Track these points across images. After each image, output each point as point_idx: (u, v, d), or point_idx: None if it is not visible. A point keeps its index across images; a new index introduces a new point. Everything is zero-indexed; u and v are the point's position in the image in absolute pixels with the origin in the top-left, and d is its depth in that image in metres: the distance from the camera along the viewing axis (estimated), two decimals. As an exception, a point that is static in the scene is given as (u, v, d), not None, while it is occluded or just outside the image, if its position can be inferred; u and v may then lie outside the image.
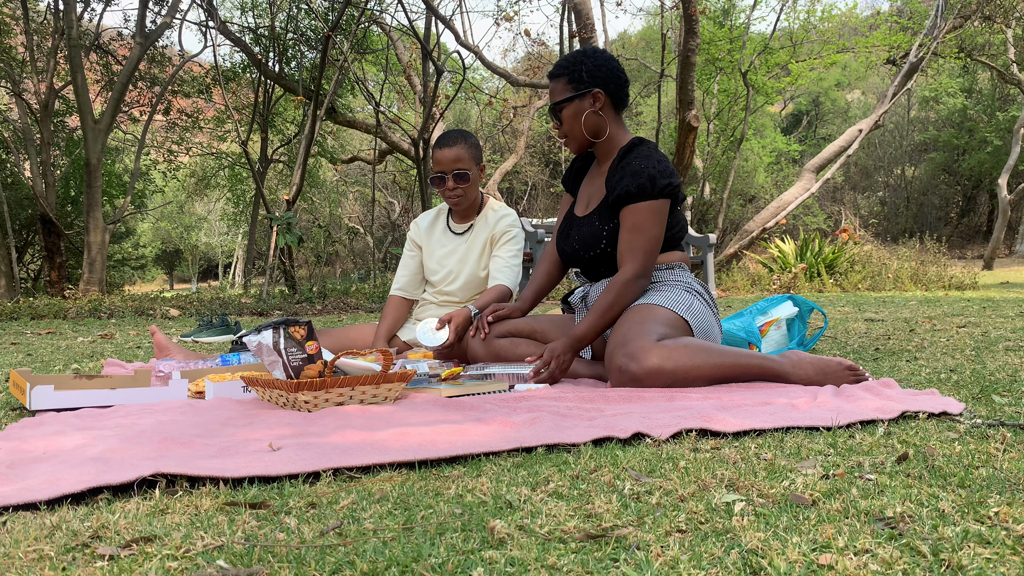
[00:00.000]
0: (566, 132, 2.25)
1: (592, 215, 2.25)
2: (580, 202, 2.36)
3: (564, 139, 2.28)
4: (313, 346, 1.86)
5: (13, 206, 12.86)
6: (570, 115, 2.22)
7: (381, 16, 11.20)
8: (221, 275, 41.04)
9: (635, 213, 2.11)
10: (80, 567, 0.81)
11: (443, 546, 0.83)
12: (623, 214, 2.14)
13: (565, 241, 2.35)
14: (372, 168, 14.16)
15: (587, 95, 2.20)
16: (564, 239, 2.36)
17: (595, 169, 2.37)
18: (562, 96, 2.21)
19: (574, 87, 2.20)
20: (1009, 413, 1.49)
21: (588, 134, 2.23)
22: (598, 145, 2.28)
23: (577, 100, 2.20)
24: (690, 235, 9.24)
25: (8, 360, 3.07)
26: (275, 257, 8.26)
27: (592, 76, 2.20)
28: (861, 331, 3.48)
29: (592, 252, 2.24)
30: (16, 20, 11.75)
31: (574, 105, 2.21)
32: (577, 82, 2.19)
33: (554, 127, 2.29)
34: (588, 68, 2.20)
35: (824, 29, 16.17)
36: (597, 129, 2.24)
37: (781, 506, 0.95)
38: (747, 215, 20.97)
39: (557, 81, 2.22)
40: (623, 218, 2.14)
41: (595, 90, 2.20)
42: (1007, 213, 18.25)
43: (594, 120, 2.22)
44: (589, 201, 2.31)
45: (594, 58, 2.22)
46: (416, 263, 2.81)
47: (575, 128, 2.23)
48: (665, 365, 1.86)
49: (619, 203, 2.14)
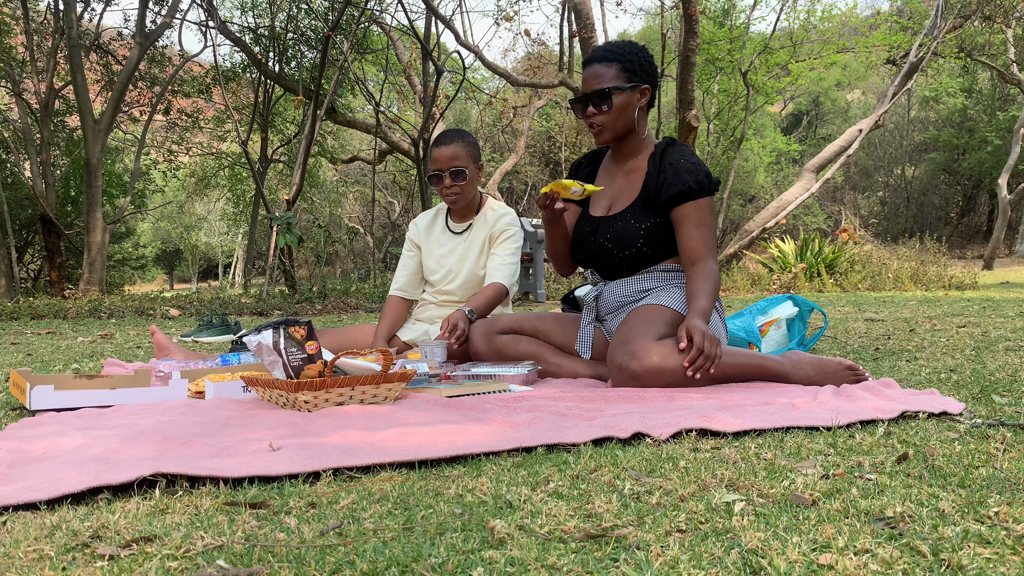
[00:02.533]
0: (606, 121, 2.13)
1: (625, 214, 2.17)
2: (597, 204, 2.28)
3: (598, 127, 2.15)
4: (313, 346, 1.86)
5: (13, 206, 12.86)
6: (621, 104, 2.11)
7: (381, 16, 11.20)
8: (221, 275, 41.04)
9: (699, 208, 2.08)
10: (80, 567, 0.81)
11: (443, 546, 0.83)
12: (685, 210, 2.09)
13: (589, 241, 2.26)
14: (372, 168, 14.16)
15: (638, 89, 2.13)
16: (587, 240, 2.27)
17: (612, 168, 2.29)
18: (615, 83, 2.10)
19: (628, 77, 2.11)
20: (1009, 413, 1.49)
21: (627, 129, 2.16)
22: (626, 141, 2.21)
23: (629, 91, 2.12)
24: (690, 235, 9.23)
25: (8, 360, 3.07)
26: (275, 257, 8.26)
27: (644, 71, 2.14)
28: (861, 331, 3.48)
29: (627, 251, 2.17)
30: (16, 20, 11.75)
31: (626, 96, 2.11)
32: (631, 73, 2.11)
33: (588, 112, 2.14)
34: (642, 62, 2.13)
35: (824, 29, 16.17)
36: (636, 127, 2.18)
37: (781, 506, 0.95)
38: (747, 215, 20.97)
39: (608, 66, 2.11)
40: (685, 214, 2.09)
41: (644, 86, 2.14)
42: (1007, 213, 18.25)
43: (638, 116, 2.16)
44: (613, 201, 2.24)
45: (645, 53, 2.16)
46: (415, 263, 2.81)
47: (619, 119, 2.13)
48: (666, 364, 1.86)
49: (678, 199, 2.08)
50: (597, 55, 2.15)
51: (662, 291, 2.15)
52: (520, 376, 2.11)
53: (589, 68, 2.15)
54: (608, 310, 2.27)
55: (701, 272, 2.05)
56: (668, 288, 2.16)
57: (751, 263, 10.81)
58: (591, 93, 2.12)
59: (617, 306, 2.23)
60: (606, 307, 2.27)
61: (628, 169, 2.24)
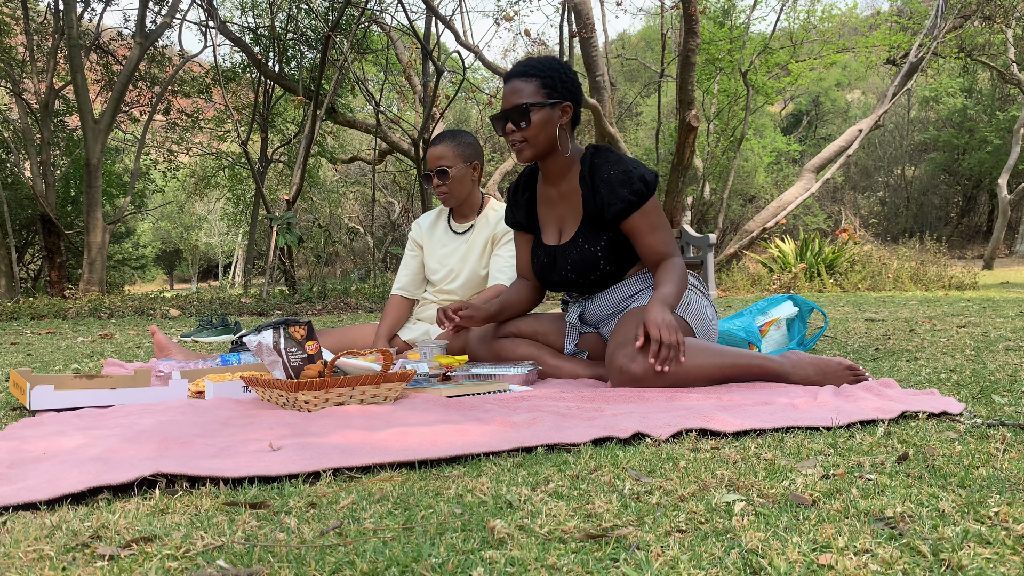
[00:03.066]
0: (528, 137, 2.07)
1: (576, 239, 2.15)
2: (548, 231, 2.24)
3: (519, 143, 2.09)
4: (313, 346, 1.86)
5: (13, 206, 12.86)
6: (541, 121, 2.06)
7: (381, 16, 11.21)
8: (221, 275, 41.05)
9: (646, 215, 2.07)
10: (80, 567, 0.81)
11: (443, 546, 0.83)
12: (632, 222, 2.07)
13: (551, 272, 2.23)
14: (372, 168, 14.16)
15: (559, 106, 2.08)
16: (549, 271, 2.24)
17: (549, 191, 2.23)
18: (534, 99, 2.05)
19: (547, 93, 2.06)
20: (1009, 413, 1.49)
21: (550, 147, 2.10)
22: (552, 160, 2.15)
23: (549, 108, 2.06)
24: (690, 235, 9.24)
25: (8, 360, 3.07)
26: (275, 257, 8.26)
27: (566, 87, 2.08)
28: (861, 331, 3.48)
29: (592, 275, 2.16)
30: (16, 20, 11.75)
31: (546, 112, 2.06)
32: (551, 89, 2.06)
33: (507, 130, 2.08)
34: (563, 78, 2.08)
35: (824, 29, 16.17)
36: (559, 144, 2.10)
37: (781, 506, 0.95)
38: (747, 215, 20.98)
39: (528, 81, 2.06)
40: (635, 226, 2.07)
41: (566, 103, 2.09)
42: (1007, 213, 18.26)
43: (560, 133, 2.09)
44: (562, 226, 2.21)
45: (567, 69, 2.11)
46: (417, 263, 2.81)
47: (540, 136, 2.07)
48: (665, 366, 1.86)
49: (622, 216, 2.07)
50: (516, 71, 2.10)
51: (651, 291, 2.15)
52: (520, 376, 2.11)
53: (508, 84, 2.10)
54: (597, 320, 2.27)
55: (665, 266, 2.05)
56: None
57: (751, 263, 10.81)
58: (509, 109, 2.06)
59: (608, 315, 2.23)
60: (594, 319, 2.27)
61: (564, 191, 2.19)
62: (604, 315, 2.23)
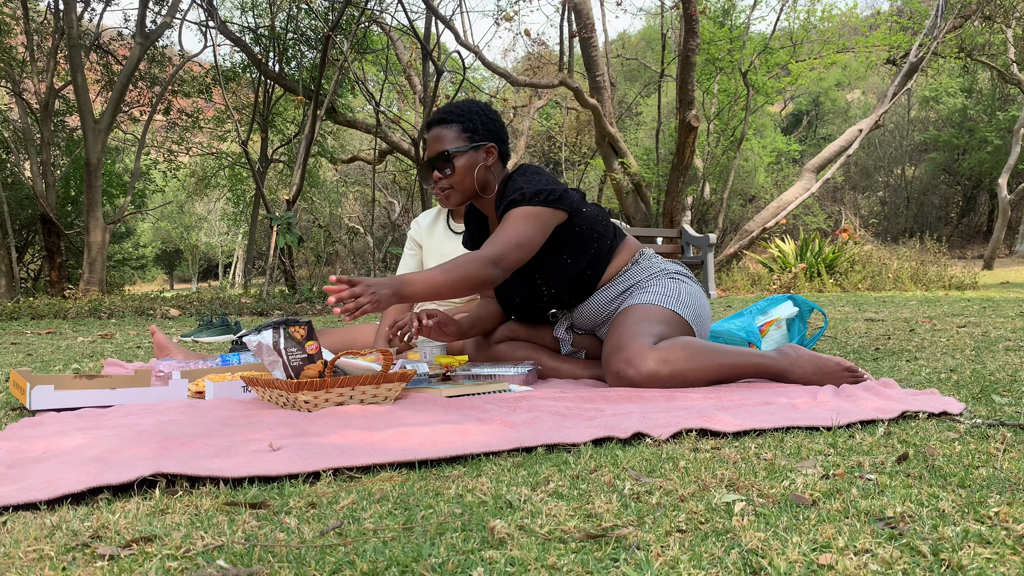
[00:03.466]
0: (453, 183, 2.09)
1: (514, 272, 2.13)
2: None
3: (446, 191, 2.10)
4: (313, 346, 1.86)
5: (13, 206, 12.85)
6: (464, 166, 2.07)
7: (381, 16, 11.20)
8: (221, 275, 41.04)
9: (506, 218, 2.01)
10: (80, 567, 0.81)
11: (443, 546, 0.83)
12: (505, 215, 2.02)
13: (507, 303, 2.25)
14: (372, 168, 14.16)
15: (482, 148, 2.10)
16: (506, 302, 2.25)
17: (492, 225, 2.26)
18: (455, 145, 2.07)
19: (469, 137, 2.08)
20: (1009, 413, 1.49)
21: (478, 189, 2.10)
22: (485, 201, 2.16)
23: (472, 151, 2.08)
24: (690, 235, 9.25)
25: (8, 360, 3.07)
26: (275, 257, 8.26)
27: (488, 129, 2.10)
28: (861, 331, 3.48)
29: (539, 303, 2.17)
30: (16, 20, 11.75)
31: (468, 156, 2.08)
32: (472, 132, 2.08)
33: (435, 177, 2.10)
34: (483, 120, 2.10)
35: (824, 29, 16.16)
36: (487, 185, 2.11)
37: (781, 506, 0.95)
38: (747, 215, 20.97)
39: (447, 128, 2.08)
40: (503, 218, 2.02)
41: (490, 144, 2.11)
42: (1007, 213, 18.26)
43: (485, 175, 2.10)
44: None
45: (487, 111, 2.13)
46: (416, 262, 2.81)
47: (466, 180, 2.09)
48: (662, 369, 1.85)
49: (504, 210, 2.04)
50: (436, 118, 2.12)
51: (639, 290, 2.14)
52: (520, 376, 2.10)
53: (430, 132, 2.12)
54: (590, 328, 2.27)
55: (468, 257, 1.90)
56: (644, 284, 2.15)
57: (751, 263, 10.81)
58: (433, 157, 2.08)
59: (600, 323, 2.23)
60: (586, 327, 2.27)
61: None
62: (595, 323, 2.23)
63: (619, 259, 2.20)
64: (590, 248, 2.13)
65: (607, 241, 2.17)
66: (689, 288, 2.15)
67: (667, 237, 9.52)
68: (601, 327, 2.23)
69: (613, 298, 2.18)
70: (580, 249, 2.12)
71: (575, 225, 2.09)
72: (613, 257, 2.19)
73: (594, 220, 2.14)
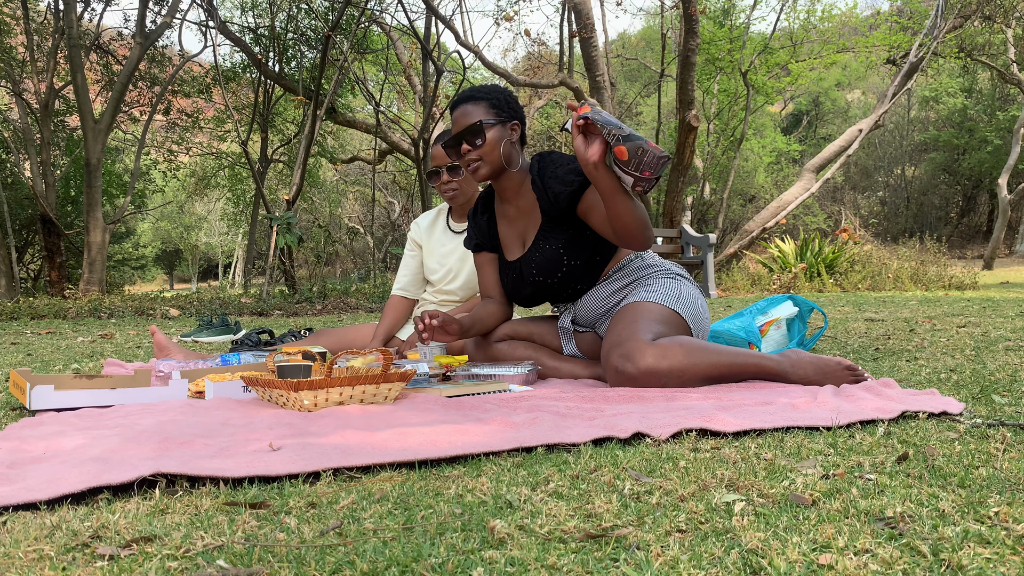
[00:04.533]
0: (483, 154, 2.14)
1: (537, 243, 2.19)
2: (511, 248, 2.28)
3: (475, 162, 2.15)
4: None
5: (13, 206, 12.86)
6: (494, 138, 2.13)
7: (381, 16, 11.21)
8: (221, 275, 41.05)
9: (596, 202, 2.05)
10: (80, 567, 0.81)
11: (443, 546, 0.83)
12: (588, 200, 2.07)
13: (521, 285, 2.27)
14: (372, 168, 14.16)
15: (508, 124, 2.17)
16: (519, 284, 2.27)
17: (507, 210, 2.28)
18: (486, 117, 2.14)
19: (497, 113, 2.15)
20: (1009, 413, 1.49)
21: (504, 162, 2.16)
22: (506, 177, 2.20)
23: (500, 125, 2.15)
24: (690, 235, 9.25)
25: (8, 360, 3.07)
26: (275, 257, 8.26)
27: (512, 107, 2.18)
28: (861, 331, 3.48)
29: (559, 273, 2.18)
30: (16, 20, 11.75)
31: (497, 130, 2.14)
32: (499, 109, 2.16)
33: (464, 151, 2.15)
34: (507, 98, 2.18)
35: (824, 29, 16.17)
36: (511, 158, 2.17)
37: (781, 506, 0.95)
38: (747, 215, 20.97)
39: (476, 104, 2.16)
40: (592, 202, 2.06)
41: (514, 121, 2.18)
42: (1007, 213, 18.26)
43: (511, 149, 2.17)
44: (524, 238, 2.25)
45: (509, 93, 2.21)
46: (417, 263, 2.81)
47: (494, 153, 2.14)
48: (660, 365, 1.86)
49: (577, 197, 2.08)
50: (463, 97, 2.20)
51: (640, 286, 2.15)
52: (520, 376, 2.11)
53: (457, 109, 2.18)
54: (591, 322, 2.27)
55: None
56: (645, 281, 2.16)
57: (751, 263, 10.81)
58: (463, 130, 2.14)
59: (601, 315, 2.23)
60: (588, 321, 2.27)
61: (521, 207, 2.24)
62: (596, 315, 2.24)
63: (623, 250, 2.23)
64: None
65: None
66: (689, 289, 2.17)
67: (667, 237, 9.52)
68: (601, 321, 2.24)
69: (614, 291, 2.19)
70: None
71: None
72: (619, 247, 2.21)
73: None
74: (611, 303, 2.20)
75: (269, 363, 1.92)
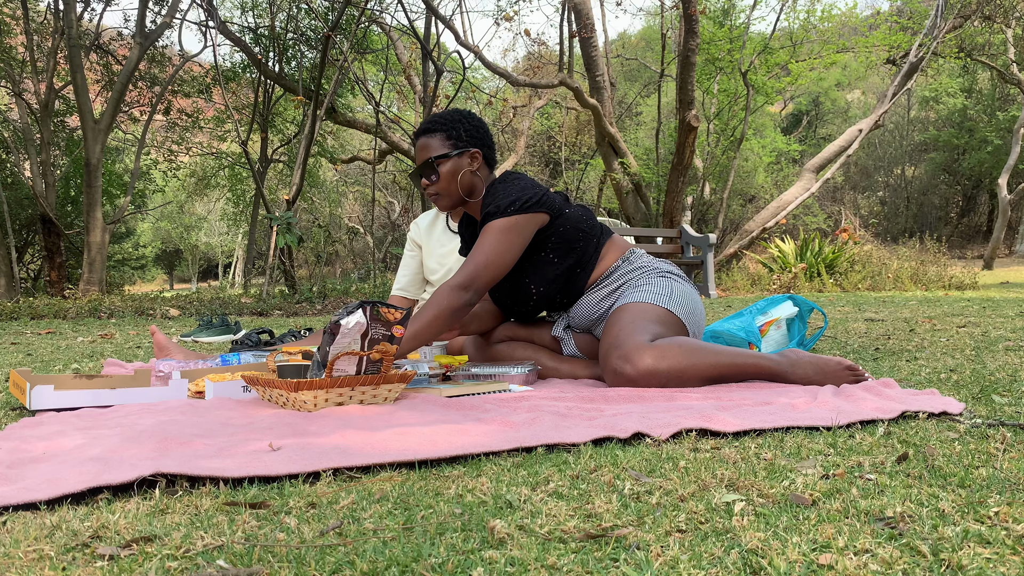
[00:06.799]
0: (440, 189, 2.16)
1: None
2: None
3: (435, 196, 2.18)
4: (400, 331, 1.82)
5: (13, 206, 12.85)
6: (448, 171, 2.14)
7: (381, 16, 11.20)
8: (221, 275, 41.06)
9: (480, 235, 2.07)
10: (80, 567, 0.81)
11: (443, 546, 0.83)
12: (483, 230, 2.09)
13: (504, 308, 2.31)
14: (372, 168, 14.16)
15: (465, 153, 2.16)
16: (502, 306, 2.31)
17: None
18: (440, 151, 2.15)
19: (453, 144, 2.15)
20: (1009, 413, 1.49)
21: (464, 193, 2.16)
22: (471, 205, 2.22)
23: (456, 157, 2.15)
24: (690, 235, 9.25)
25: (8, 360, 3.07)
26: (275, 257, 8.26)
27: (470, 135, 2.16)
28: (861, 331, 3.48)
29: (531, 302, 2.20)
30: (16, 20, 11.75)
31: (452, 162, 2.14)
32: (456, 139, 2.15)
33: (423, 184, 2.18)
34: (466, 127, 2.17)
35: (824, 29, 16.16)
36: (473, 188, 2.17)
37: (781, 506, 0.95)
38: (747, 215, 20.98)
39: (431, 136, 2.16)
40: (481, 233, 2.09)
41: (473, 149, 2.16)
42: (1007, 213, 18.26)
43: (470, 179, 2.16)
44: None
45: (470, 119, 2.19)
46: (416, 263, 2.81)
47: (451, 185, 2.15)
48: (659, 366, 1.86)
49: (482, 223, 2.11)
50: (421, 129, 2.19)
51: (632, 288, 2.15)
52: (520, 376, 2.11)
53: (417, 142, 2.19)
54: (586, 327, 2.27)
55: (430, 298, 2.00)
56: (636, 282, 2.16)
57: (751, 263, 10.81)
58: (420, 166, 2.16)
59: (595, 321, 2.23)
60: (582, 326, 2.28)
61: None
62: (591, 321, 2.24)
63: (608, 258, 2.22)
64: (575, 247, 2.17)
65: (593, 240, 2.20)
66: (681, 286, 2.16)
67: (667, 237, 9.52)
68: (596, 325, 2.24)
69: (605, 296, 2.19)
70: (565, 249, 2.16)
71: (558, 226, 2.14)
72: (601, 256, 2.22)
73: (577, 220, 2.17)
74: (604, 307, 2.20)
75: (269, 363, 1.91)
